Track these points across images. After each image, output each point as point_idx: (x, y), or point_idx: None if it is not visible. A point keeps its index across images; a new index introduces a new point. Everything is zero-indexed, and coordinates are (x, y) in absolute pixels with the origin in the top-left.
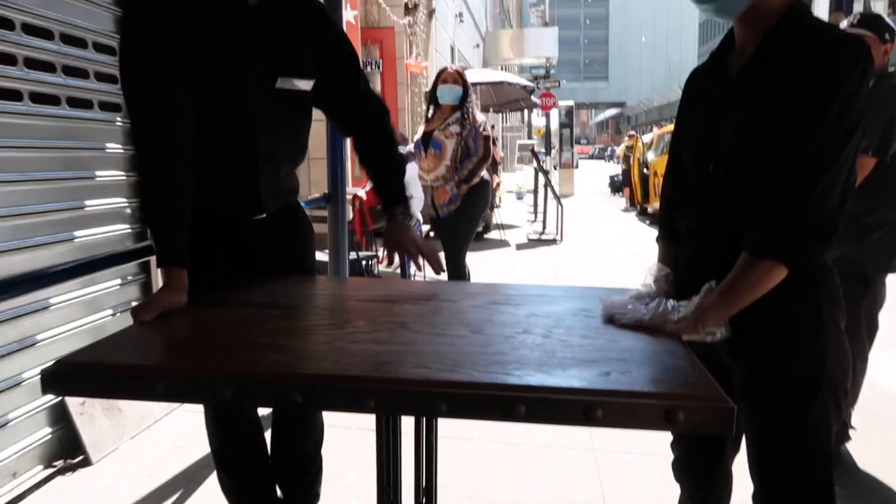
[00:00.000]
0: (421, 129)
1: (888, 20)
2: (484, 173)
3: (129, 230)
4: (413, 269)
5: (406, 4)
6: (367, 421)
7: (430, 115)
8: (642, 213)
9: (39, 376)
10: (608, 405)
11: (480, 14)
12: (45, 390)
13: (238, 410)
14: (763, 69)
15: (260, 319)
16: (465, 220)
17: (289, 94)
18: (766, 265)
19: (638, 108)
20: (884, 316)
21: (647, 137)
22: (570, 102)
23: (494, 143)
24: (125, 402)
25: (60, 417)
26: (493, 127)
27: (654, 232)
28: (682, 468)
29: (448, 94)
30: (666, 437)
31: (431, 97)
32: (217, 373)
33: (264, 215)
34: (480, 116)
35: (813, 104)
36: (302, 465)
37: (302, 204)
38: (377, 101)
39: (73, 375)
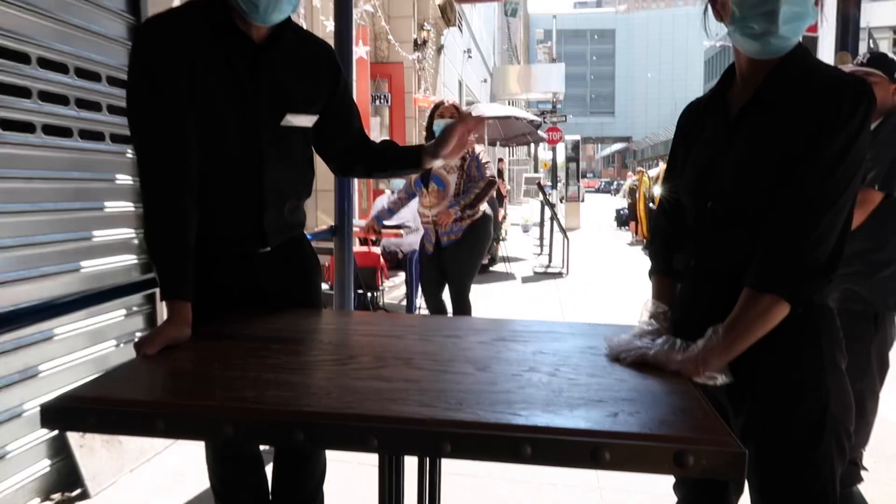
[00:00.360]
0: None
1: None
2: (486, 207)
3: (136, 261)
4: (419, 302)
5: (415, 41)
6: (371, 457)
7: None
8: (648, 247)
9: (39, 409)
10: (616, 447)
11: (488, 50)
12: (44, 424)
13: (239, 446)
14: (765, 108)
15: (264, 354)
16: (468, 255)
17: (295, 130)
18: (767, 300)
19: (644, 142)
20: (894, 355)
21: (653, 172)
22: (577, 137)
23: (501, 177)
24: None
25: (60, 449)
26: (500, 160)
27: None
28: None
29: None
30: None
31: (428, 132)
32: (218, 410)
33: (269, 249)
34: (478, 148)
35: (814, 144)
36: (303, 503)
37: (308, 237)
38: (368, 139)
39: (73, 410)
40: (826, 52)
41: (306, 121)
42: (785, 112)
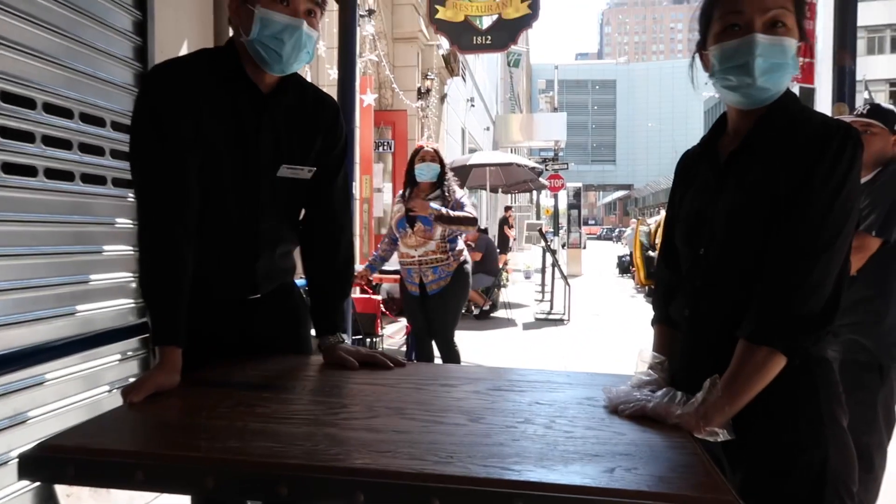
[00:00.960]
0: (396, 209)
1: (890, 106)
2: (466, 254)
3: (133, 305)
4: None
5: (419, 89)
6: None
7: (406, 194)
8: (650, 295)
9: (17, 459)
10: None
11: (491, 99)
12: (22, 475)
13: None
14: (753, 154)
15: (253, 402)
16: (456, 305)
17: (291, 182)
18: (763, 353)
19: (645, 190)
20: None
21: (653, 220)
22: (579, 184)
23: (511, 226)
24: None
25: (46, 499)
26: (508, 208)
27: None
28: None
29: (426, 172)
30: None
31: (408, 176)
32: (200, 461)
33: (259, 295)
34: (459, 192)
35: (802, 191)
36: None
37: (299, 283)
38: (346, 214)
39: (51, 460)
40: (823, 104)
41: (304, 173)
42: (772, 159)
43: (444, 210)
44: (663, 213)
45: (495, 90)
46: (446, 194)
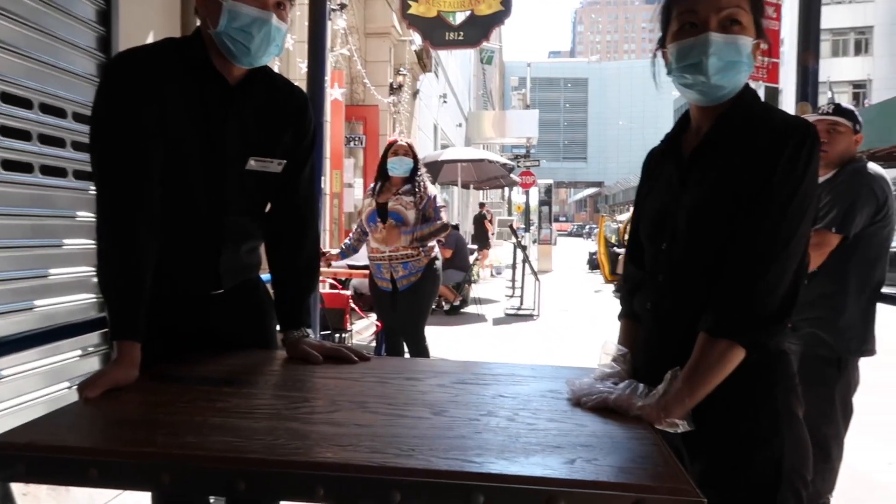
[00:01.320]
0: (367, 203)
1: (850, 106)
2: (437, 251)
3: (94, 299)
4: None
5: (391, 84)
6: None
7: (377, 188)
8: (618, 290)
9: None
10: (572, 496)
11: (464, 95)
12: None
13: (185, 496)
14: (715, 152)
15: (213, 397)
16: (425, 296)
17: (260, 175)
18: (722, 346)
19: (616, 187)
20: (858, 399)
21: (623, 217)
22: (550, 181)
23: (491, 221)
24: None
25: (3, 499)
26: (483, 205)
27: None
28: None
29: (399, 167)
30: None
31: (380, 170)
32: (155, 457)
33: (222, 290)
34: (432, 189)
35: (761, 187)
36: None
37: (264, 278)
38: (312, 209)
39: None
40: (788, 103)
41: (274, 166)
42: (733, 156)
43: (415, 233)
44: (633, 209)
45: (468, 87)
46: (418, 190)
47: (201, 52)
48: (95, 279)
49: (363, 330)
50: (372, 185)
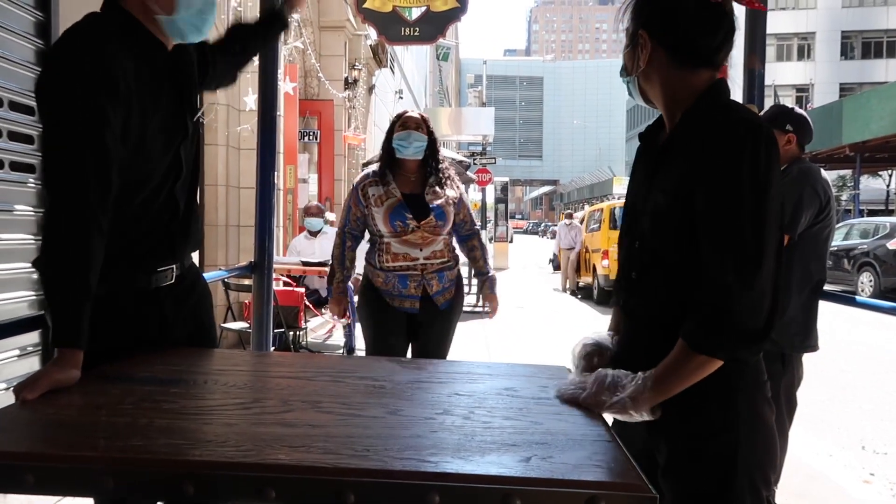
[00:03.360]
0: (377, 192)
1: (798, 111)
2: (457, 250)
3: (34, 297)
4: (360, 344)
5: (346, 79)
6: None
7: (386, 175)
8: (576, 287)
9: None
10: (527, 494)
11: (420, 92)
12: None
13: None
14: (675, 151)
15: (160, 398)
16: (456, 315)
17: (196, 135)
18: (702, 359)
19: (570, 185)
20: (801, 393)
21: (579, 214)
22: (506, 178)
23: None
24: None
25: None
26: None
27: (586, 307)
28: None
29: (409, 146)
30: None
31: (385, 151)
32: (97, 461)
33: (172, 281)
34: (458, 183)
35: (729, 193)
36: None
37: (225, 272)
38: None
39: None
40: None
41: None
42: (691, 158)
43: (488, 275)
44: (588, 208)
45: (424, 83)
46: (441, 183)
47: (139, 27)
48: (35, 276)
49: (318, 328)
50: (370, 171)
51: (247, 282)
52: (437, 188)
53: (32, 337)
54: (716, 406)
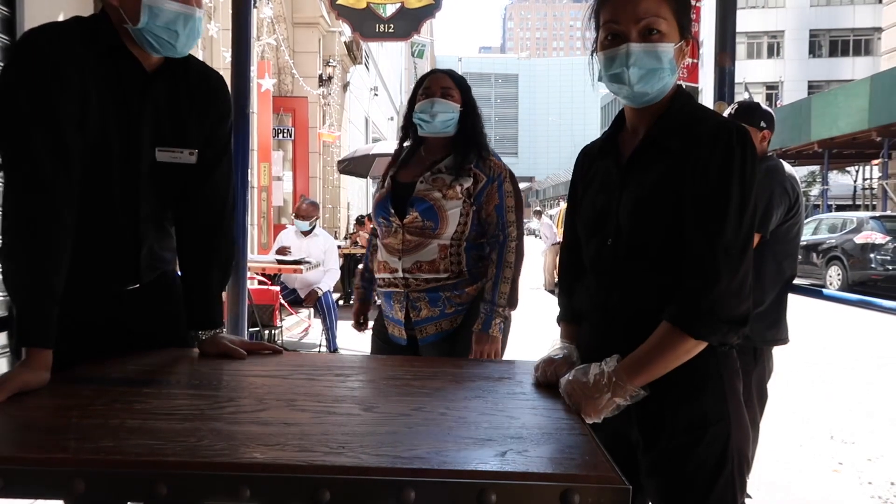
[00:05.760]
0: (370, 181)
1: (765, 107)
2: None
3: (0, 297)
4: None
5: (320, 76)
6: None
7: (402, 153)
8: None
9: None
10: (502, 488)
11: (395, 89)
12: None
13: None
14: (654, 152)
15: (132, 399)
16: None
17: (173, 166)
18: (690, 343)
19: (546, 182)
20: (772, 385)
21: (553, 211)
22: None
23: None
24: None
25: None
26: None
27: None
28: None
29: (434, 118)
30: None
31: (407, 123)
32: (67, 463)
33: (138, 286)
34: (500, 167)
35: (714, 189)
36: None
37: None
38: (229, 201)
39: None
40: (706, 102)
41: (186, 156)
42: (673, 157)
43: (500, 301)
44: (563, 204)
45: (400, 81)
46: (459, 168)
47: (114, 37)
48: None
49: (293, 326)
50: (396, 149)
51: None
52: (445, 176)
53: (2, 338)
54: (710, 397)
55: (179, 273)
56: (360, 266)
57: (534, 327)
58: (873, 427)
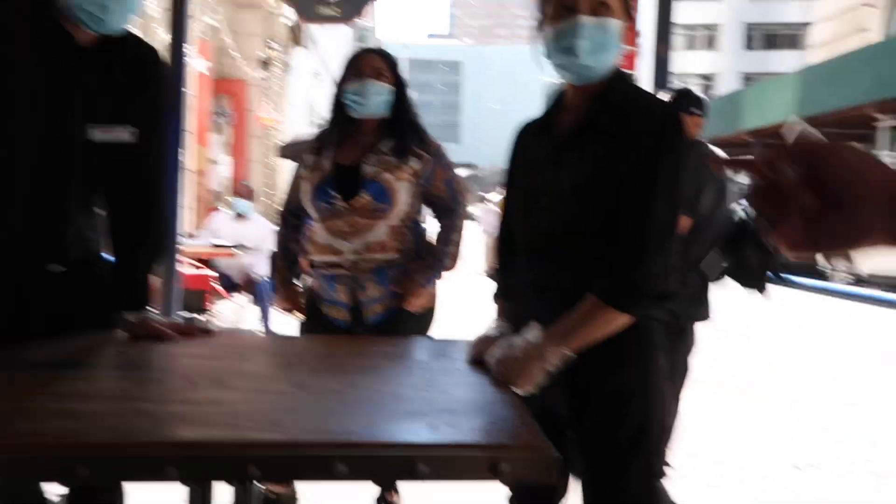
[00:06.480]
0: (309, 160)
1: (698, 94)
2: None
3: None
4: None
5: (262, 59)
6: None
7: (327, 139)
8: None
9: None
10: (433, 459)
11: (338, 73)
12: None
13: (19, 490)
14: (591, 132)
15: (52, 382)
16: (428, 320)
17: (109, 145)
18: (614, 314)
19: (488, 169)
20: (695, 359)
21: (496, 198)
22: None
23: None
24: None
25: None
26: None
27: None
28: None
29: (366, 100)
30: None
31: (335, 106)
32: None
33: (65, 268)
34: (443, 148)
35: (645, 170)
36: None
37: (105, 256)
38: (161, 183)
39: None
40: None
41: (124, 135)
42: (610, 137)
43: (445, 262)
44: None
45: (342, 64)
46: (400, 149)
47: (48, 10)
48: None
49: (227, 312)
50: (317, 133)
51: None
52: (390, 157)
53: None
54: (634, 370)
55: (108, 255)
56: (276, 249)
57: (472, 309)
58: (789, 399)
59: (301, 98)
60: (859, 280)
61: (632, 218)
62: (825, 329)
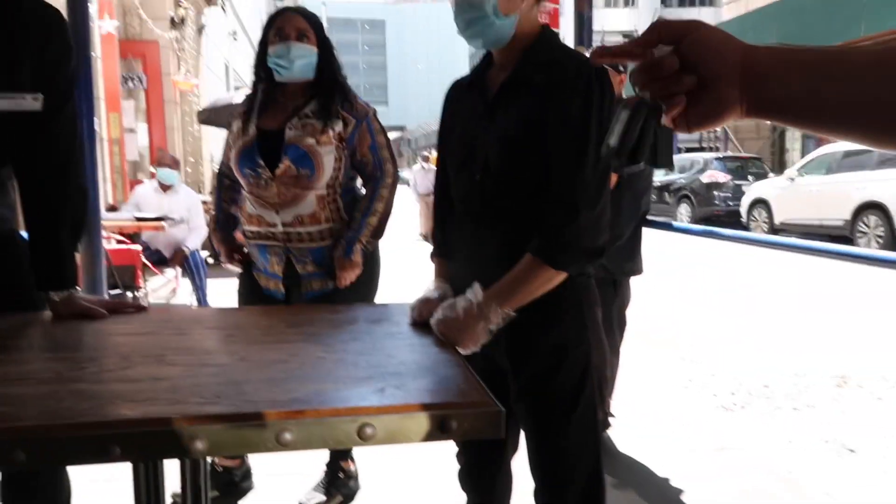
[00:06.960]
0: (236, 126)
1: None
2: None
3: None
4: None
5: (172, 18)
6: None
7: (258, 101)
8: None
9: None
10: (382, 422)
11: (257, 34)
12: None
13: None
14: (520, 87)
15: None
16: (366, 291)
17: (12, 114)
18: (551, 272)
19: (418, 131)
20: (629, 313)
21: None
22: None
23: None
24: None
25: None
26: None
27: None
28: (467, 475)
29: (291, 62)
30: None
31: (258, 69)
32: None
33: None
34: (368, 109)
35: (574, 125)
36: None
37: (24, 234)
38: (76, 153)
39: None
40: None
41: (28, 102)
42: (539, 92)
43: (364, 231)
44: (436, 153)
45: (260, 24)
46: (324, 112)
47: None
48: None
49: (159, 288)
50: (246, 96)
51: None
52: (314, 121)
53: None
54: (571, 323)
55: (23, 232)
56: (211, 213)
57: (410, 272)
58: (715, 347)
59: (218, 60)
60: (773, 229)
61: (563, 175)
62: (743, 276)
